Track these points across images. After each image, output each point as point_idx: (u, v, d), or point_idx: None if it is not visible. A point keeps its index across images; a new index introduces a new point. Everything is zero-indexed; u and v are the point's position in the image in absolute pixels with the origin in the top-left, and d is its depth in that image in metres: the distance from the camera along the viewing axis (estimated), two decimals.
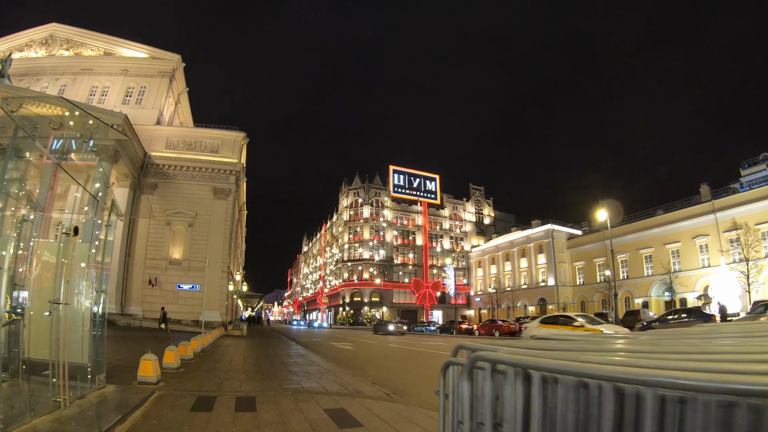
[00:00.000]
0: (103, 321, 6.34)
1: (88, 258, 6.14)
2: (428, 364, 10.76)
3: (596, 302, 54.31)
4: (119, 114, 31.11)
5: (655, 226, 47.57)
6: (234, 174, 35.74)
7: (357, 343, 19.23)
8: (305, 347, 15.46)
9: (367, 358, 12.50)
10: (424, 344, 18.63)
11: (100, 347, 6.11)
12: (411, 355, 13.47)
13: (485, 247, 71.60)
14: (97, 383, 5.86)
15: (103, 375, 6.14)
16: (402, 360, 11.79)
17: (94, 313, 6.07)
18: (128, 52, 41.70)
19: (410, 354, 13.73)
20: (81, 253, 6.13)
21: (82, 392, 5.41)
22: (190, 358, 9.93)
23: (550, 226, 60.61)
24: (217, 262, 32.33)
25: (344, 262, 70.11)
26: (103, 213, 6.93)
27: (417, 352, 14.28)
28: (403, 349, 15.84)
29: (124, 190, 32.78)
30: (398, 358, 12.59)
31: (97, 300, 6.44)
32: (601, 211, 20.09)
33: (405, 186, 71.45)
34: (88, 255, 6.12)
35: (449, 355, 2.08)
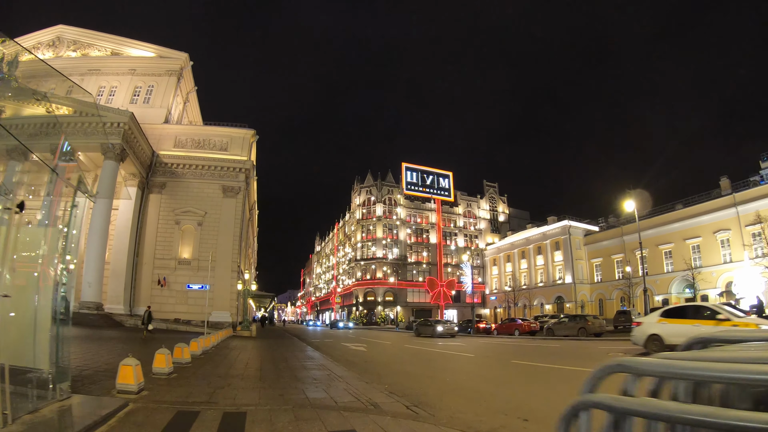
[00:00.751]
0: (66, 319, 5.34)
1: (44, 243, 5.13)
2: (452, 368, 9.61)
3: (615, 300, 53.13)
4: (125, 111, 30.58)
5: (674, 221, 46.24)
6: (243, 172, 34.98)
7: (371, 344, 18.11)
8: (316, 349, 14.42)
9: (382, 361, 11.40)
10: (442, 345, 17.47)
11: (63, 350, 5.10)
12: (430, 357, 12.33)
13: (500, 244, 70.03)
14: (57, 394, 4.87)
15: (66, 384, 5.14)
16: (421, 363, 10.67)
17: (56, 311, 5.09)
18: (135, 52, 41.38)
19: (429, 357, 12.61)
20: (35, 237, 5.15)
21: (36, 405, 4.43)
22: (187, 362, 8.95)
23: (566, 223, 58.98)
24: (227, 262, 31.60)
25: (357, 261, 69.12)
26: (70, 192, 5.90)
27: (436, 355, 13.11)
28: (421, 351, 14.67)
29: (132, 189, 32.25)
30: (416, 361, 11.45)
31: (65, 294, 5.48)
32: (629, 201, 18.70)
33: (418, 183, 70.10)
34: (43, 239, 5.10)
35: (472, 356, 1.10)
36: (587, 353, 12.74)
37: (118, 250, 30.72)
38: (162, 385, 6.51)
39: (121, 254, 30.48)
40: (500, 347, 16.33)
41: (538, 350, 14.03)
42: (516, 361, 10.58)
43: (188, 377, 7.26)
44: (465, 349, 15.27)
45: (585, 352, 12.96)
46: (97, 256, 27.14)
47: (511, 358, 11.34)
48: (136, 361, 5.96)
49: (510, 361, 10.68)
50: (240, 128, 36.68)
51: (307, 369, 8.53)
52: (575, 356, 11.82)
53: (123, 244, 30.76)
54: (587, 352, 13.13)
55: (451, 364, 10.73)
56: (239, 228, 33.05)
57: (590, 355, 12.30)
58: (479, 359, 11.59)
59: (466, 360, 11.45)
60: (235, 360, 9.75)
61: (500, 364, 10.48)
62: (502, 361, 10.95)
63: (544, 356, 11.79)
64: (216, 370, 8.10)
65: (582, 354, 12.47)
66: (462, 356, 12.44)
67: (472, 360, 11.45)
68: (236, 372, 7.93)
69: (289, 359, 10.46)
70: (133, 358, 5.95)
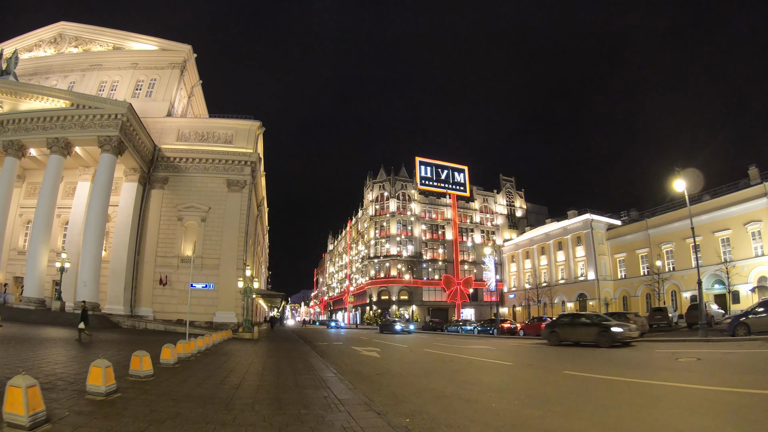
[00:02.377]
0: None
1: None
2: (491, 384, 7.37)
3: (640, 296, 50.73)
4: (123, 102, 29.10)
5: (702, 213, 43.63)
6: (249, 165, 33.23)
7: (384, 348, 15.90)
8: (321, 355, 12.34)
9: (398, 371, 9.22)
10: (468, 349, 15.09)
11: None
12: (458, 366, 10.00)
13: (519, 240, 67.30)
14: None
15: None
16: (448, 375, 8.40)
17: None
18: (138, 46, 40.20)
19: (457, 365, 10.28)
20: None
21: None
22: (148, 375, 6.97)
23: (588, 216, 56.29)
24: (232, 259, 29.88)
25: (370, 259, 67.12)
26: None
27: (465, 363, 10.81)
28: (445, 357, 12.37)
29: (132, 184, 30.79)
30: (441, 371, 9.17)
31: None
32: (679, 181, 16.30)
33: (432, 178, 67.96)
34: None
35: (510, 365, 0.72)
36: (650, 359, 10.45)
37: (117, 248, 29.23)
38: (83, 414, 4.52)
39: (120, 252, 28.98)
40: (537, 352, 14.01)
41: (584, 355, 11.79)
42: (570, 372, 8.28)
43: (132, 400, 5.27)
44: (496, 354, 12.98)
45: (647, 358, 10.66)
46: (93, 254, 25.60)
47: (561, 367, 9.15)
48: (32, 380, 3.97)
49: (562, 372, 8.37)
50: (245, 120, 35.00)
51: (300, 388, 6.44)
52: (639, 364, 9.56)
53: (123, 241, 29.25)
54: (649, 357, 10.82)
55: (488, 376, 8.54)
56: (245, 223, 31.27)
57: (655, 361, 10.02)
58: (521, 369, 9.30)
59: (504, 370, 9.25)
60: (213, 372, 7.73)
61: (551, 376, 8.20)
62: (552, 372, 8.67)
63: (599, 364, 9.57)
64: (178, 389, 6.09)
65: (645, 360, 10.19)
66: (497, 365, 10.21)
67: (512, 370, 9.23)
68: (201, 392, 5.89)
69: (282, 371, 8.39)
70: (26, 377, 3.96)
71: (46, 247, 26.97)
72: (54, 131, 28.86)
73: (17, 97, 30.10)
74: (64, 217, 32.65)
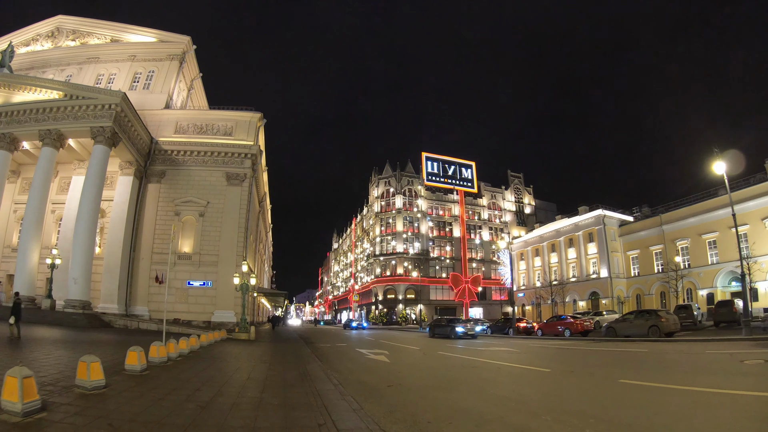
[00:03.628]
0: None
1: None
2: (537, 400, 5.85)
3: (654, 295, 49.02)
4: (117, 92, 27.84)
5: (718, 208, 41.63)
6: (249, 157, 31.85)
7: (393, 351, 14.23)
8: (323, 359, 10.83)
9: (414, 383, 7.48)
10: (488, 352, 13.33)
11: None
12: (485, 375, 8.29)
13: (528, 237, 65.44)
14: None
15: None
16: (477, 387, 6.68)
17: None
18: (135, 38, 39.12)
19: (483, 373, 8.57)
20: None
21: None
22: (99, 385, 5.55)
23: (600, 212, 54.54)
24: (231, 256, 28.49)
25: (376, 257, 65.56)
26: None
27: (492, 369, 9.18)
28: (465, 362, 10.55)
29: (128, 178, 29.54)
30: (467, 380, 7.58)
31: None
32: (719, 163, 14.70)
33: (439, 174, 66.29)
34: None
35: (547, 371, 0.86)
36: (709, 361, 8.89)
37: (112, 244, 27.97)
38: None
39: (115, 249, 27.72)
40: (568, 354, 12.33)
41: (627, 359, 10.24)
42: (628, 380, 6.67)
43: (52, 425, 3.83)
44: (523, 358, 11.31)
45: (705, 360, 9.10)
46: (84, 250, 24.29)
47: (610, 374, 7.61)
48: None
49: (618, 381, 6.77)
50: (245, 111, 33.62)
51: (289, 408, 4.94)
52: (703, 369, 8.01)
53: (118, 237, 27.99)
54: (707, 359, 9.26)
55: (528, 388, 6.87)
56: (245, 218, 29.88)
57: (717, 364, 8.47)
58: (564, 377, 7.73)
59: (545, 379, 7.66)
60: (183, 384, 6.23)
61: (608, 386, 6.66)
62: (605, 381, 7.07)
63: (654, 369, 8.03)
64: (126, 408, 4.64)
65: (706, 364, 8.63)
66: (532, 372, 8.57)
67: (555, 379, 7.68)
68: (154, 414, 4.40)
69: (271, 382, 6.79)
70: None
71: (37, 243, 25.74)
72: (47, 123, 27.73)
73: (10, 90, 29.02)
74: (59, 214, 31.48)
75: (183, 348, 9.84)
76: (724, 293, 41.21)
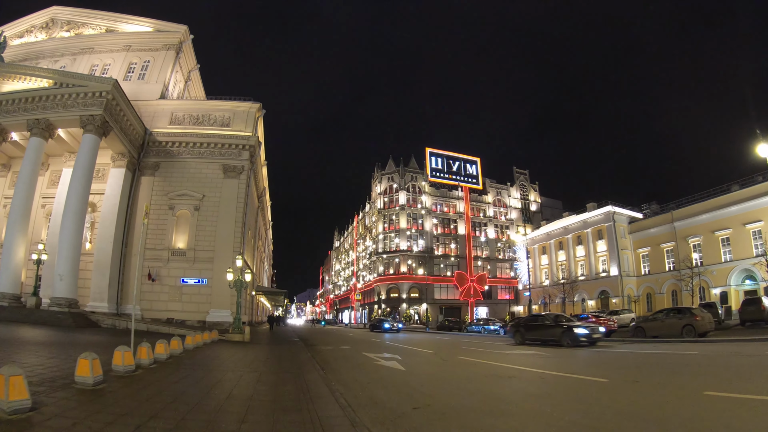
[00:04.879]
0: None
1: None
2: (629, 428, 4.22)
3: (665, 294, 47.59)
4: (108, 79, 26.46)
5: (732, 204, 40.23)
6: (248, 149, 30.39)
7: (406, 356, 12.61)
8: (324, 367, 9.12)
9: (447, 402, 5.76)
10: (513, 356, 11.59)
11: None
12: (531, 388, 6.75)
13: (534, 235, 63.82)
14: None
15: None
16: (534, 408, 5.19)
17: None
18: (131, 27, 37.84)
19: (525, 384, 7.13)
20: None
21: None
22: (23, 407, 4.07)
23: (610, 208, 53.08)
24: (227, 252, 27.02)
25: (379, 255, 63.97)
26: None
27: (533, 378, 7.72)
28: (494, 370, 8.94)
29: (120, 170, 28.13)
30: (511, 398, 6.02)
31: None
32: (763, 146, 13.24)
33: (443, 170, 64.69)
34: None
35: (604, 381, 1.21)
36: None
37: (103, 239, 26.56)
38: None
39: (106, 244, 26.30)
40: (610, 358, 10.51)
41: (683, 362, 8.76)
42: (712, 392, 5.13)
43: None
44: (562, 364, 9.72)
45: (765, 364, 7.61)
46: (71, 244, 22.83)
47: (686, 384, 6.14)
48: None
49: (702, 393, 5.35)
50: (244, 101, 32.19)
51: None
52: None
53: (109, 232, 26.58)
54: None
55: (596, 407, 5.16)
56: (242, 212, 28.41)
57: None
58: (631, 389, 6.26)
59: (607, 392, 6.11)
60: (144, 403, 4.68)
61: (696, 401, 5.22)
62: (685, 392, 5.63)
63: (729, 376, 6.56)
64: None
65: None
66: (586, 383, 6.88)
67: (620, 391, 6.11)
68: None
69: (258, 403, 5.07)
70: None
71: (23, 237, 24.33)
72: (35, 112, 26.43)
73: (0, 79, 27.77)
74: (49, 208, 30.12)
75: (161, 353, 8.35)
76: (738, 291, 39.97)
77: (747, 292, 38.61)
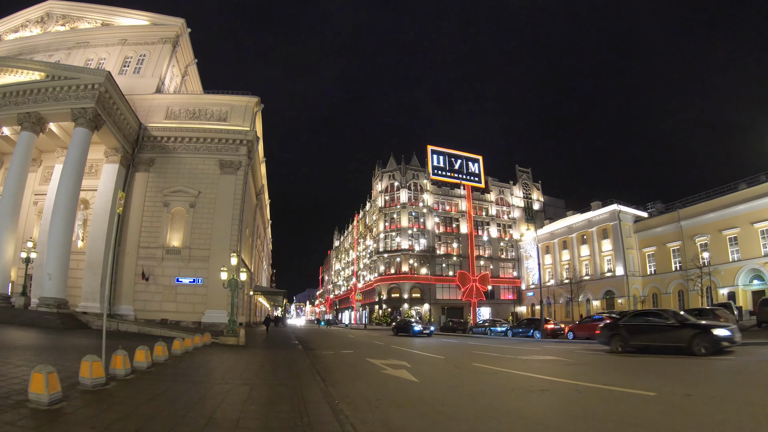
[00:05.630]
0: None
1: None
2: None
3: (672, 294, 46.98)
4: (101, 71, 25.48)
5: (740, 202, 39.65)
6: (245, 144, 29.44)
7: (414, 362, 11.26)
8: (326, 378, 8.29)
9: (476, 429, 4.58)
10: (532, 362, 10.73)
11: None
12: (574, 408, 5.51)
13: (538, 234, 62.92)
14: None
15: None
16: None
17: None
18: (127, 21, 36.95)
19: (562, 399, 6.10)
20: None
21: None
22: None
23: (615, 207, 52.24)
24: (224, 250, 26.01)
25: (380, 254, 62.96)
26: None
27: (568, 392, 6.58)
28: (519, 380, 7.87)
29: (113, 166, 27.16)
30: (550, 419, 4.94)
31: None
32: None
33: (445, 168, 63.67)
34: None
35: (653, 396, 0.80)
36: None
37: (95, 237, 25.59)
38: None
39: (98, 242, 25.32)
40: (646, 366, 9.47)
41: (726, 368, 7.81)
42: None
43: None
44: (592, 373, 8.60)
45: None
46: (60, 242, 21.86)
47: (748, 397, 5.15)
48: None
49: None
50: (242, 95, 31.24)
51: None
52: None
53: (101, 230, 25.58)
54: None
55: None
56: (239, 209, 27.45)
57: None
58: (688, 404, 5.29)
59: (664, 411, 4.91)
60: (105, 428, 3.83)
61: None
62: (757, 408, 4.78)
63: None
64: None
65: None
66: (632, 397, 5.76)
67: (679, 408, 5.07)
68: None
69: (243, 430, 4.21)
70: None
71: (12, 235, 23.36)
72: (26, 106, 25.53)
73: None
74: (41, 205, 29.21)
75: (141, 361, 7.38)
76: (746, 292, 39.25)
77: (755, 293, 37.88)
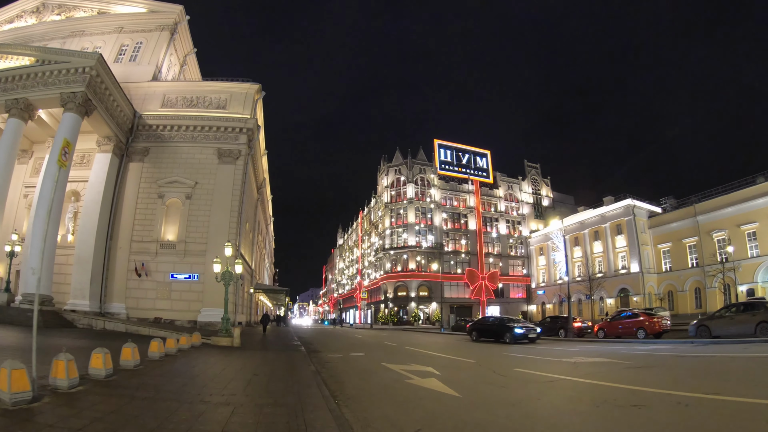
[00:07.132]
0: None
1: None
2: None
3: (689, 291, 45.10)
4: (92, 54, 23.97)
5: (758, 196, 38.11)
6: (245, 132, 27.83)
7: (441, 367, 9.35)
8: (336, 393, 6.29)
9: None
10: (591, 367, 8.74)
11: None
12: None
13: (548, 230, 61.00)
14: None
15: None
16: None
17: None
18: (123, 9, 35.55)
19: (671, 418, 4.24)
20: None
21: None
22: None
23: (629, 202, 50.35)
24: (221, 244, 24.40)
25: (386, 251, 61.15)
26: None
27: (674, 408, 4.66)
28: (589, 389, 6.38)
29: (106, 155, 25.61)
30: None
31: None
32: None
33: (453, 163, 61.77)
34: None
35: None
36: None
37: (85, 231, 24.04)
38: None
39: (89, 236, 23.77)
40: (725, 366, 7.73)
41: None
42: None
43: None
44: (666, 378, 6.93)
45: None
46: (44, 234, 20.15)
47: None
48: None
49: None
50: (242, 82, 29.65)
51: None
52: None
53: (92, 223, 24.03)
54: None
55: None
56: (238, 201, 25.82)
57: None
58: None
59: None
60: None
61: None
62: None
63: None
64: None
65: None
66: (748, 407, 4.49)
67: None
68: None
69: None
70: None
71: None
72: (15, 92, 24.07)
73: None
74: (32, 198, 27.71)
75: (97, 368, 5.67)
76: (765, 288, 37.66)
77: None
